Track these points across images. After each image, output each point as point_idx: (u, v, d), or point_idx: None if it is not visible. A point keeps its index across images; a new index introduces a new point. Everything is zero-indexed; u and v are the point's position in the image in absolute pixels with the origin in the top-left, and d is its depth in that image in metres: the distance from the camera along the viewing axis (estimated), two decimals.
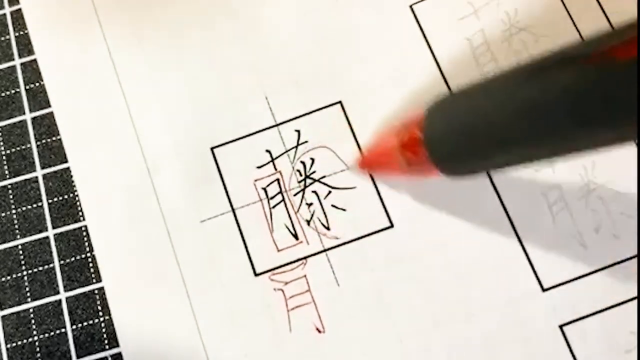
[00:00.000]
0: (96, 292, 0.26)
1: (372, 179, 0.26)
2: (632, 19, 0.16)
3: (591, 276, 0.24)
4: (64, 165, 0.27)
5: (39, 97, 0.28)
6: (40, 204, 0.27)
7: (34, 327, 0.25)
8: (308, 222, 0.26)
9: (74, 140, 0.27)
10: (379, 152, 0.25)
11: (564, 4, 0.27)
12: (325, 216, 0.26)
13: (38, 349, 0.25)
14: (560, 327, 0.24)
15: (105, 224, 0.26)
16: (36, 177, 0.27)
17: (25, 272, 0.26)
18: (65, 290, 0.26)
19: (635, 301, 0.24)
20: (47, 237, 0.26)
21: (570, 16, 0.27)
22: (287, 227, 0.26)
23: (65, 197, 0.27)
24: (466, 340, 0.24)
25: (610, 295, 0.24)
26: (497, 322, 0.24)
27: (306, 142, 0.27)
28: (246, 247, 0.25)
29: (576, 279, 0.24)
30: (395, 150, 0.23)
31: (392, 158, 0.23)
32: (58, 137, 0.28)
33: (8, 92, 0.29)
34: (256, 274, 0.25)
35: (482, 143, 0.20)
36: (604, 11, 0.27)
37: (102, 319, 0.25)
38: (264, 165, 0.26)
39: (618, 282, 0.24)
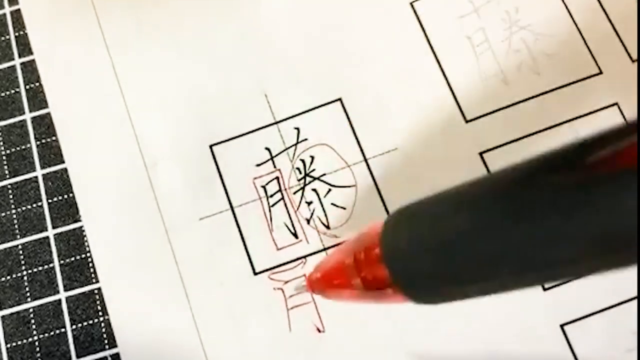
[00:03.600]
0: (96, 292, 0.26)
1: (373, 177, 0.26)
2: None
3: (592, 275, 0.24)
4: (64, 165, 0.27)
5: (39, 97, 0.28)
6: (40, 203, 0.27)
7: (33, 327, 0.25)
8: (308, 221, 0.26)
9: (71, 140, 0.27)
10: (331, 272, 0.21)
11: (564, 3, 0.27)
12: (325, 215, 0.26)
13: (38, 349, 0.25)
14: (562, 326, 0.24)
15: (103, 223, 0.26)
16: (36, 177, 0.27)
17: (25, 272, 0.26)
18: (65, 290, 0.26)
19: (636, 301, 0.24)
20: (47, 237, 0.26)
21: (571, 15, 0.27)
22: (286, 225, 0.26)
23: (65, 196, 0.27)
24: (466, 340, 0.24)
25: (611, 295, 0.24)
26: (497, 322, 0.24)
27: (306, 139, 0.26)
28: (245, 246, 0.25)
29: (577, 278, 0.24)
30: (350, 270, 0.19)
31: (347, 279, 0.19)
32: (58, 137, 0.28)
33: (8, 92, 0.29)
34: (255, 273, 0.25)
35: (457, 263, 0.16)
36: (604, 10, 0.27)
37: (102, 318, 0.25)
38: (263, 163, 0.26)
39: (619, 281, 0.24)
